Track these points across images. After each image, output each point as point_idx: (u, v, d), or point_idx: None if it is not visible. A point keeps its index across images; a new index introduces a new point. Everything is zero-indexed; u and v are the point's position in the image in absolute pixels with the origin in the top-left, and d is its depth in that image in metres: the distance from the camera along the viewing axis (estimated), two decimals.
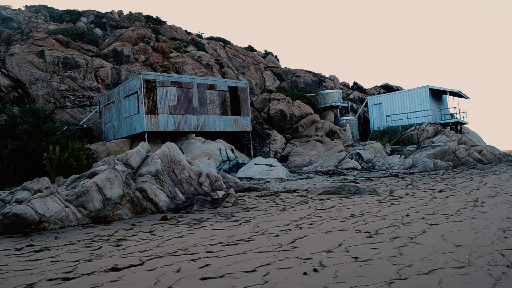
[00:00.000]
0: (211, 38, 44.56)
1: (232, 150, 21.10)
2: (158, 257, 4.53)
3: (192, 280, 3.66)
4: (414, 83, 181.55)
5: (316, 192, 10.68)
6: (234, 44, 44.17)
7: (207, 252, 4.71)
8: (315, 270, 3.79)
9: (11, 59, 27.12)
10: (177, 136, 21.73)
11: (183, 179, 9.59)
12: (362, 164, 20.54)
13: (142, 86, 20.18)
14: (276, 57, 45.59)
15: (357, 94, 41.55)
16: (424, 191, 10.51)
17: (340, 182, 11.92)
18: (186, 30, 43.94)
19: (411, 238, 4.98)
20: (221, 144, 21.02)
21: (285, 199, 9.97)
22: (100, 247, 5.23)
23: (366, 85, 46.70)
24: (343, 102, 36.52)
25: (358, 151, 22.35)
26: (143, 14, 44.14)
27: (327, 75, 43.84)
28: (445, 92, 34.39)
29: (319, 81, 40.97)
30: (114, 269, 4.08)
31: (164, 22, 43.77)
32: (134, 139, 21.36)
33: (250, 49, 44.87)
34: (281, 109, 30.84)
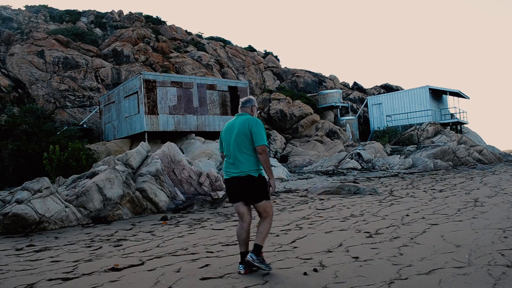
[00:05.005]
0: (211, 38, 44.53)
1: None
2: (158, 257, 4.53)
3: (192, 280, 3.66)
4: (414, 83, 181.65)
5: (316, 192, 10.68)
6: (234, 44, 44.15)
7: (207, 252, 4.71)
8: (315, 270, 3.79)
9: (11, 59, 27.11)
10: (177, 136, 21.71)
11: (183, 179, 9.59)
12: (362, 164, 20.53)
13: (142, 86, 20.17)
14: (276, 57, 45.57)
15: (357, 94, 41.53)
16: (424, 191, 10.51)
17: (340, 182, 11.92)
18: (186, 30, 43.92)
19: (411, 238, 4.98)
20: None
21: (285, 199, 9.97)
22: (100, 247, 5.23)
23: (366, 85, 46.69)
24: (343, 102, 36.49)
25: (358, 151, 22.34)
26: (143, 14, 44.13)
27: (327, 75, 43.81)
28: (445, 92, 34.36)
29: (319, 81, 40.96)
30: (114, 269, 4.08)
31: (164, 22, 43.75)
32: (134, 139, 21.34)
33: (250, 49, 44.85)
34: (281, 109, 30.83)
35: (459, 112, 34.80)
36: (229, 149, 3.87)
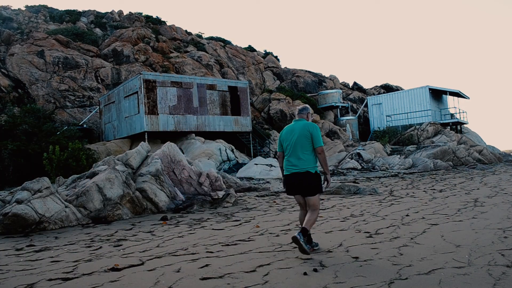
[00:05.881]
0: (211, 38, 44.53)
1: (232, 150, 21.09)
2: (158, 257, 4.53)
3: (192, 280, 3.66)
4: (414, 83, 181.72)
5: None
6: (234, 44, 44.14)
7: (207, 252, 4.71)
8: (315, 270, 3.79)
9: (11, 59, 27.11)
10: (177, 136, 21.71)
11: (183, 179, 9.59)
12: (362, 164, 20.53)
13: (142, 86, 20.17)
14: (276, 57, 45.55)
15: (357, 94, 41.53)
16: (424, 191, 10.51)
17: (340, 182, 11.92)
18: (186, 30, 43.91)
19: (411, 238, 4.98)
20: (221, 144, 21.01)
21: (285, 199, 9.97)
22: (100, 247, 5.23)
23: (366, 85, 46.69)
24: (343, 102, 36.49)
25: (358, 151, 22.34)
26: (143, 14, 44.12)
27: (327, 75, 43.81)
28: (445, 92, 34.36)
29: (319, 81, 40.96)
30: (114, 269, 4.08)
31: (164, 22, 43.74)
32: (134, 139, 21.34)
33: (250, 49, 44.84)
34: (281, 109, 30.84)
35: (459, 112, 34.80)
36: (291, 149, 4.49)
